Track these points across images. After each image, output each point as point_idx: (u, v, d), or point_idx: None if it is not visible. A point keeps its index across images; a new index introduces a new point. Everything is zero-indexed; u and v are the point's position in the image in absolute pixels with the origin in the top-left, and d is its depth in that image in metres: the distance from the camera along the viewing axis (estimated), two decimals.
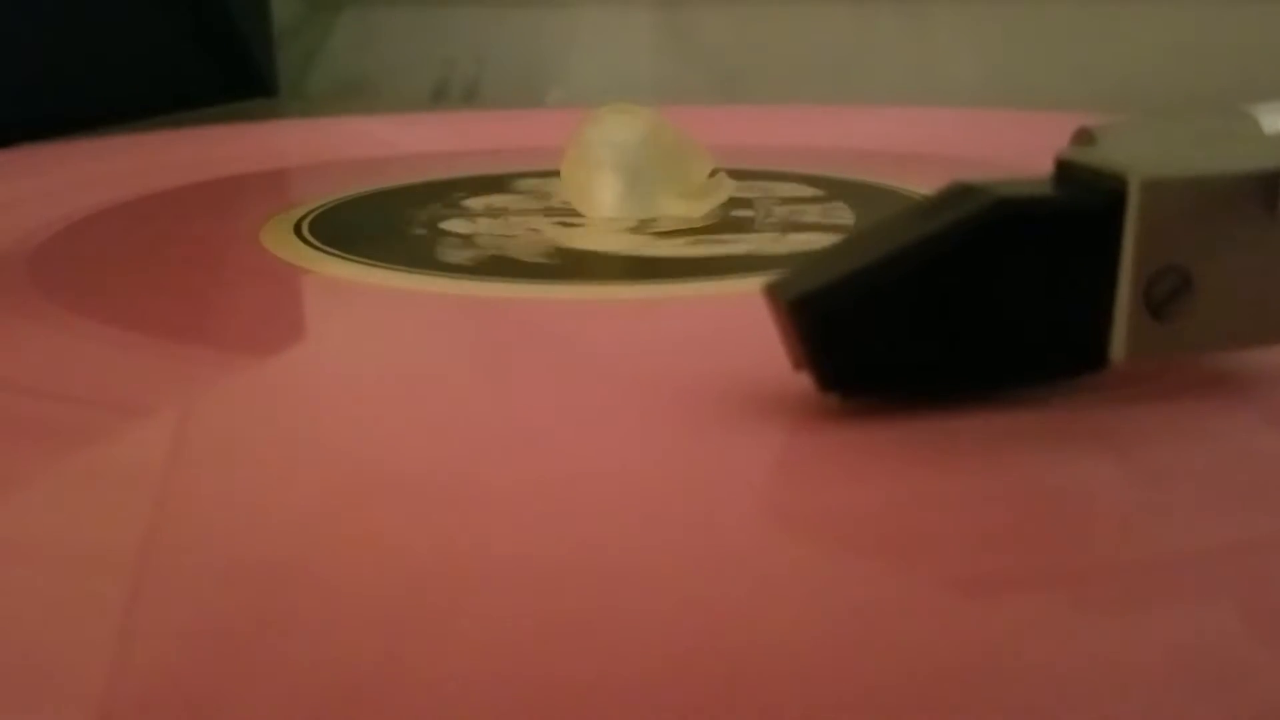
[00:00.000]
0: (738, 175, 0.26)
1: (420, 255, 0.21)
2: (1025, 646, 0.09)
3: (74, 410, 0.15)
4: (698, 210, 0.24)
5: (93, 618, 0.10)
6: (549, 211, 0.25)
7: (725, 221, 0.24)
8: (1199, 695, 0.09)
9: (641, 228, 0.23)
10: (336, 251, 0.22)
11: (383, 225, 0.24)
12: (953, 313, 0.13)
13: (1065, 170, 0.14)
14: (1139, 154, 0.13)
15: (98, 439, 0.14)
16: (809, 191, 0.27)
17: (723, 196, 0.24)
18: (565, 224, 0.24)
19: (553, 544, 0.11)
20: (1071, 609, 0.10)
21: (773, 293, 0.13)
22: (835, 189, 0.27)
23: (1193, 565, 0.10)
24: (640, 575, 0.10)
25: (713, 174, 0.24)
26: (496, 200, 0.27)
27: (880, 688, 0.09)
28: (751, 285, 0.19)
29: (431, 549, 0.11)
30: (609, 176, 0.23)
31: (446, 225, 0.24)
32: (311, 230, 0.24)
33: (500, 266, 0.21)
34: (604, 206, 0.24)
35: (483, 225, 0.24)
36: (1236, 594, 0.10)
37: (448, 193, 0.28)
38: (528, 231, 0.23)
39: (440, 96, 0.57)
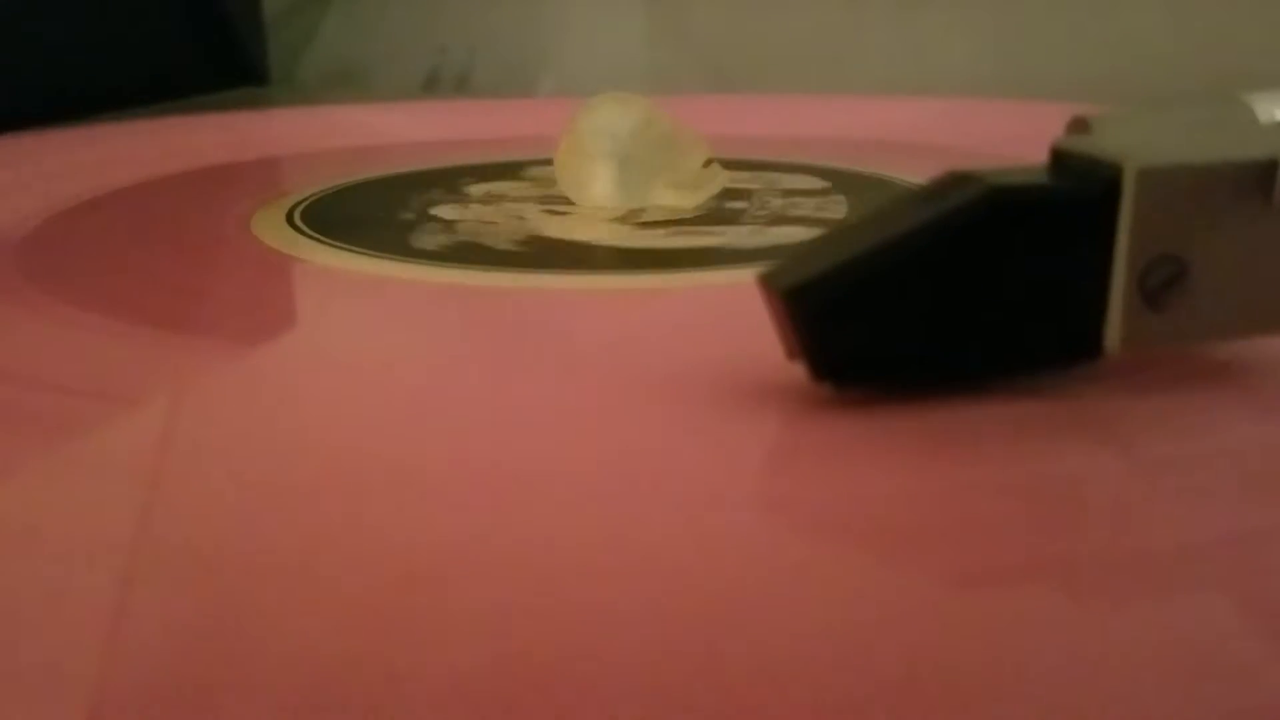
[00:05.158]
0: (739, 166, 0.26)
1: (396, 241, 0.22)
2: (1023, 639, 0.09)
3: (63, 400, 0.14)
4: (690, 201, 0.23)
5: (84, 609, 0.10)
6: (545, 199, 0.25)
7: (714, 213, 0.24)
8: (1197, 688, 0.09)
9: (629, 217, 0.23)
10: (328, 239, 0.22)
11: (375, 213, 0.24)
12: (948, 301, 0.13)
13: (1060, 159, 0.13)
14: (1134, 142, 0.13)
15: (87, 429, 0.14)
16: (811, 183, 0.27)
17: (716, 188, 0.24)
18: (553, 212, 0.24)
19: (544, 537, 0.11)
20: (1070, 601, 0.10)
21: (767, 282, 0.13)
22: (833, 179, 0.27)
23: (1192, 557, 0.10)
24: (632, 569, 0.10)
25: (708, 164, 0.24)
26: (496, 187, 0.27)
27: (877, 682, 0.09)
28: (721, 278, 0.19)
29: (422, 540, 0.11)
30: (601, 166, 0.23)
31: (436, 211, 0.24)
32: (304, 218, 0.24)
33: (468, 253, 0.21)
34: (597, 196, 0.24)
35: (472, 212, 0.24)
36: (1236, 586, 0.10)
37: (445, 180, 0.28)
38: (512, 219, 0.23)
39: (432, 85, 0.56)
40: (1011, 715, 0.08)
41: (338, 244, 0.21)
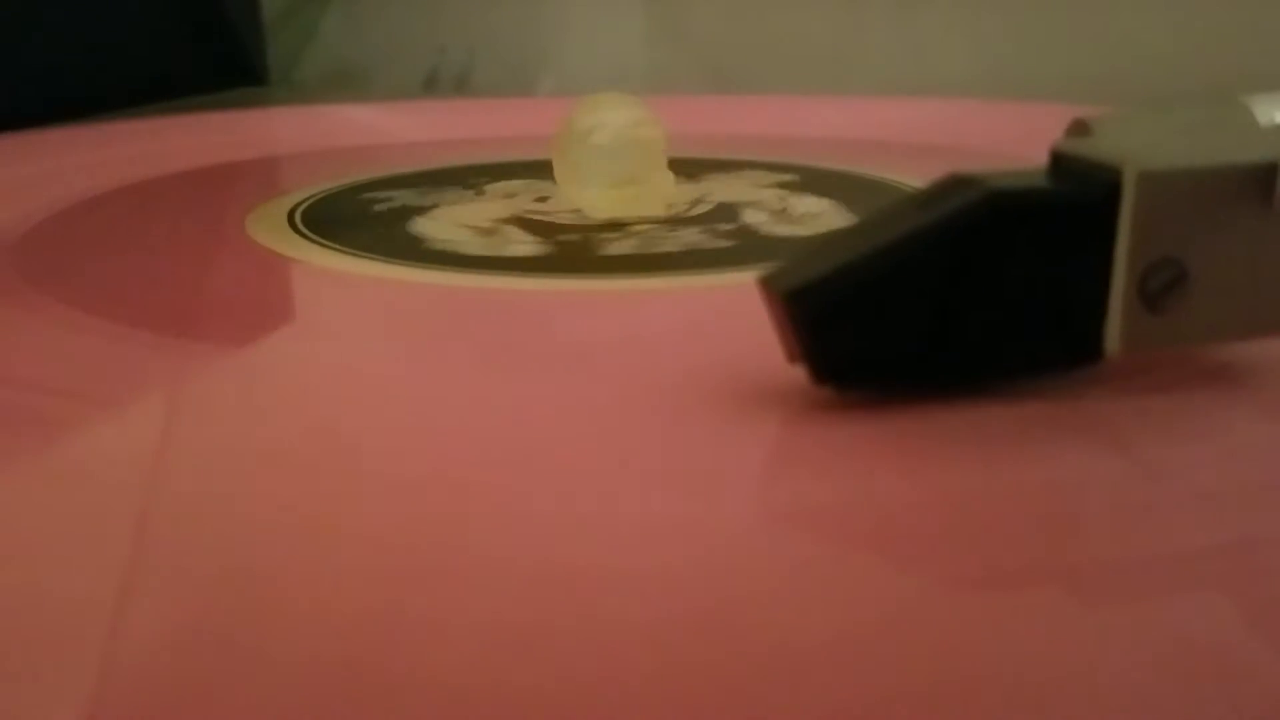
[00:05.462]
0: (725, 168, 0.26)
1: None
2: (1025, 641, 0.09)
3: (61, 402, 0.14)
4: (602, 213, 0.23)
5: (81, 613, 0.10)
6: (539, 198, 0.25)
7: (652, 223, 0.23)
8: (1199, 689, 0.09)
9: (574, 218, 0.23)
10: (326, 241, 0.22)
11: (367, 213, 0.24)
12: (948, 304, 0.13)
13: (1060, 162, 0.13)
14: (1134, 145, 0.13)
15: (85, 431, 0.14)
16: (771, 205, 0.25)
17: (664, 199, 0.24)
18: (538, 200, 0.25)
19: (543, 540, 0.11)
20: (1073, 603, 0.10)
21: (767, 285, 0.13)
22: (825, 180, 0.27)
23: (1193, 559, 0.10)
24: (632, 572, 0.10)
25: (670, 173, 0.24)
26: (506, 185, 0.27)
27: (880, 685, 0.09)
28: (723, 280, 0.19)
29: (420, 546, 0.11)
30: (572, 167, 0.23)
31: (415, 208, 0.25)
32: (304, 219, 0.24)
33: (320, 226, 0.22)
34: (573, 196, 0.24)
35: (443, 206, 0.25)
36: (1238, 588, 0.10)
37: (457, 178, 0.28)
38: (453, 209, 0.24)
39: (431, 85, 0.56)
40: (1013, 717, 0.08)
41: (337, 245, 0.21)
